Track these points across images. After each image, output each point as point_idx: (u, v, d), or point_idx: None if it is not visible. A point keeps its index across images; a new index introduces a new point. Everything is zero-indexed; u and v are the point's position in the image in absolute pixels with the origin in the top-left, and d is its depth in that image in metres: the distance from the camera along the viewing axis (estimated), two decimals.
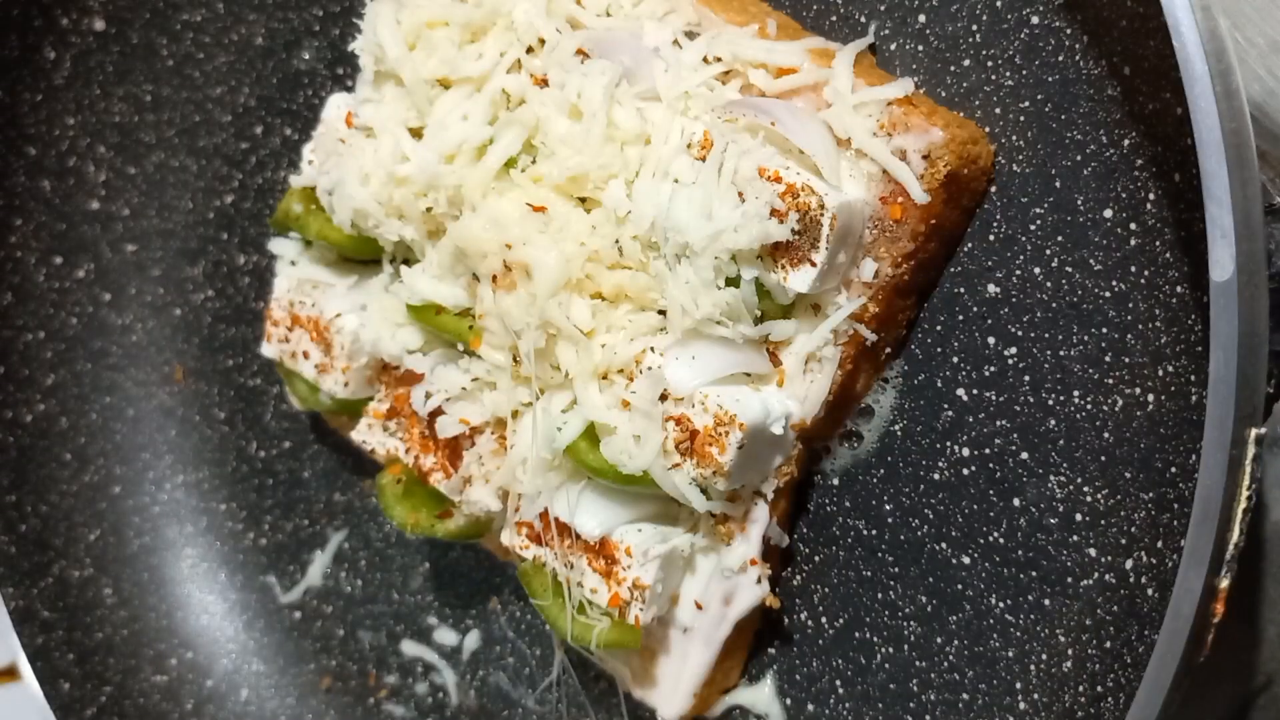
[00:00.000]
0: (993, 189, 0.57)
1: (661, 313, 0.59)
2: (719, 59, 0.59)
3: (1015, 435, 0.57)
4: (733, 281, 0.57)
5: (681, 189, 0.57)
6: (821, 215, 0.55)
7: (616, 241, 0.59)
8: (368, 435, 0.70)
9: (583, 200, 0.61)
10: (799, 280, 0.56)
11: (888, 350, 0.60)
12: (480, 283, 0.62)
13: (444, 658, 0.80)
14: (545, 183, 0.60)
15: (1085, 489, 0.56)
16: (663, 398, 0.58)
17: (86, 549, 0.85)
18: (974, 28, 0.57)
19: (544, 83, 0.62)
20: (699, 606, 0.62)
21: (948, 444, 0.59)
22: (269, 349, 0.74)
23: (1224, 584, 0.50)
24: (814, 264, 0.55)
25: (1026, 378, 0.57)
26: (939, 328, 0.59)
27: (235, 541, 0.86)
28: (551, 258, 0.58)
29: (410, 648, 0.80)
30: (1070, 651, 0.56)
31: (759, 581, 0.62)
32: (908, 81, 0.56)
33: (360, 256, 0.71)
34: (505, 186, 0.62)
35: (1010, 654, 0.58)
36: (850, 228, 0.56)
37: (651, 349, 0.59)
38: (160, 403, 0.86)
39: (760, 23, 0.59)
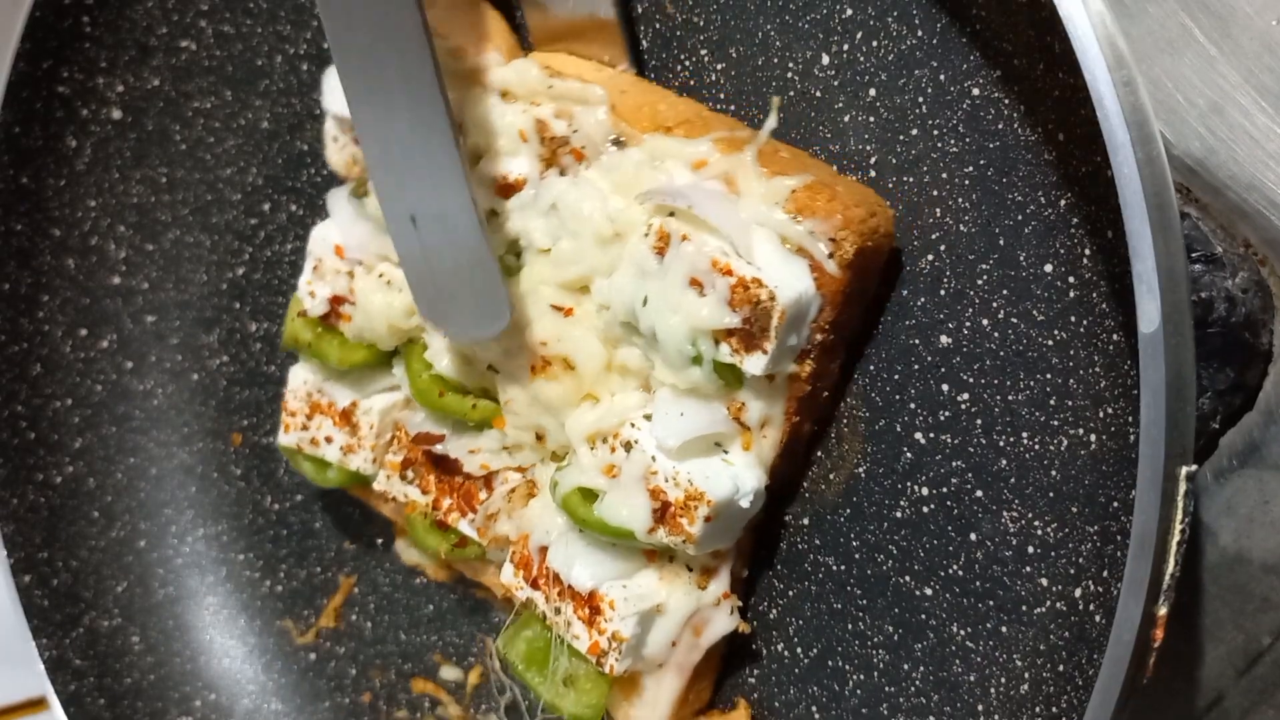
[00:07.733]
0: (942, 247, 0.61)
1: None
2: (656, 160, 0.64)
3: (970, 475, 0.61)
4: (697, 361, 0.61)
5: (645, 281, 0.62)
6: (772, 306, 0.59)
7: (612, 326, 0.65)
8: (387, 485, 0.77)
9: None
10: (753, 364, 0.60)
11: (825, 394, 0.65)
12: (500, 373, 0.68)
13: (449, 693, 0.83)
14: (550, 281, 0.66)
15: (1036, 523, 0.59)
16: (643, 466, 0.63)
17: (114, 600, 0.89)
18: (920, 100, 0.61)
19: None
20: (674, 645, 0.66)
21: (908, 484, 0.63)
22: (287, 439, 0.80)
23: (1162, 611, 0.54)
24: (766, 351, 0.60)
25: (979, 421, 0.61)
26: (897, 377, 0.63)
27: (253, 589, 0.90)
28: (592, 347, 0.66)
29: (418, 684, 0.84)
30: (1027, 675, 0.60)
31: (731, 613, 0.67)
32: (807, 175, 0.60)
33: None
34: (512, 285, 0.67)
35: (972, 678, 0.62)
36: (798, 316, 0.60)
37: (633, 424, 0.63)
38: (181, 461, 0.90)
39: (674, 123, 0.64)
